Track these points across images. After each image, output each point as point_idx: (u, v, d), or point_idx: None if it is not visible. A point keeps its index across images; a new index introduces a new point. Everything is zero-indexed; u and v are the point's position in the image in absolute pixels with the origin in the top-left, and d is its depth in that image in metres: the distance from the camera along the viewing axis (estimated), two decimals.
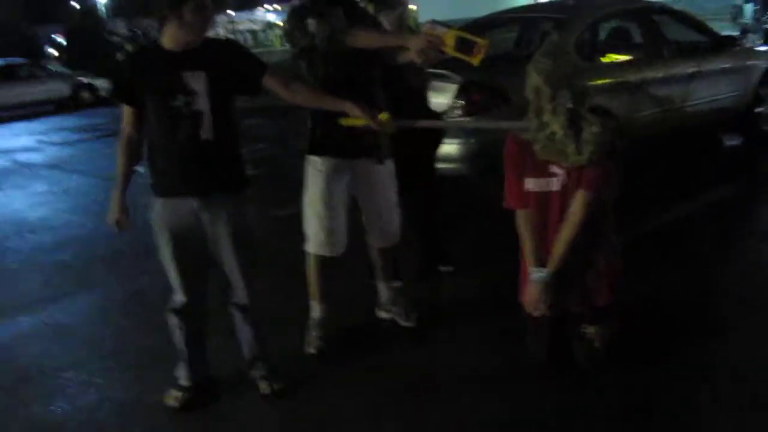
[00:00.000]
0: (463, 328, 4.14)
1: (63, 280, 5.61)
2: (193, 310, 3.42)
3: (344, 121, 3.40)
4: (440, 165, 5.01)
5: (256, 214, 3.60)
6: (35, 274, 5.85)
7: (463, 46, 3.33)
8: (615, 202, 3.43)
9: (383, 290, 4.25)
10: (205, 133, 3.11)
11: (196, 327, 3.48)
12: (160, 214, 3.26)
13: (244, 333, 3.54)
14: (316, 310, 4.00)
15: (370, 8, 4.15)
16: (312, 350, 3.92)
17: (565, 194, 3.34)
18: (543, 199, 3.40)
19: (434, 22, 3.42)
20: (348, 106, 3.34)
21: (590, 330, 3.47)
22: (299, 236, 3.95)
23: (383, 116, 3.37)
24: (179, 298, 3.39)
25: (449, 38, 3.34)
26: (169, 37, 3.10)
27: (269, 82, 3.24)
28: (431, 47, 3.33)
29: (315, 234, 3.84)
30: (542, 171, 3.37)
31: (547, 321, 3.48)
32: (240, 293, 3.43)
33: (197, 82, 3.08)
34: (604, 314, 3.45)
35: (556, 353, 3.55)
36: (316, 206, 3.78)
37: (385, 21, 4.07)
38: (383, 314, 4.26)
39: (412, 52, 3.39)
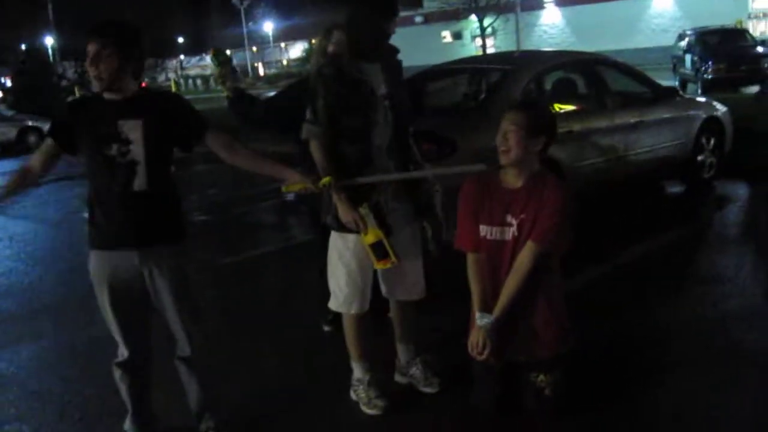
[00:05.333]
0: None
1: (6, 330, 5.49)
2: (137, 364, 3.37)
3: (285, 188, 3.41)
4: None
5: (203, 262, 3.58)
6: None
7: (379, 250, 3.51)
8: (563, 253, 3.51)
9: (403, 352, 4.06)
10: (139, 183, 3.09)
11: (141, 380, 3.43)
12: (97, 267, 3.22)
13: (191, 385, 3.49)
14: (359, 371, 3.86)
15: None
16: (377, 411, 3.75)
17: (518, 244, 3.41)
18: (496, 247, 3.47)
19: (369, 208, 3.51)
20: (287, 173, 3.34)
21: (540, 378, 3.52)
22: (244, 284, 3.94)
23: (325, 180, 3.37)
24: (122, 351, 3.35)
25: (372, 235, 3.49)
26: None
27: (210, 140, 3.24)
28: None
29: (343, 291, 3.74)
30: (497, 219, 3.44)
31: (496, 368, 3.52)
32: (184, 345, 3.39)
33: (133, 130, 3.07)
34: (553, 363, 3.51)
35: (506, 400, 3.58)
36: (345, 266, 3.70)
37: None
38: (401, 379, 4.07)
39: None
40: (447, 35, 47.70)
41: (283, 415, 3.82)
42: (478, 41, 39.08)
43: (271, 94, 5.09)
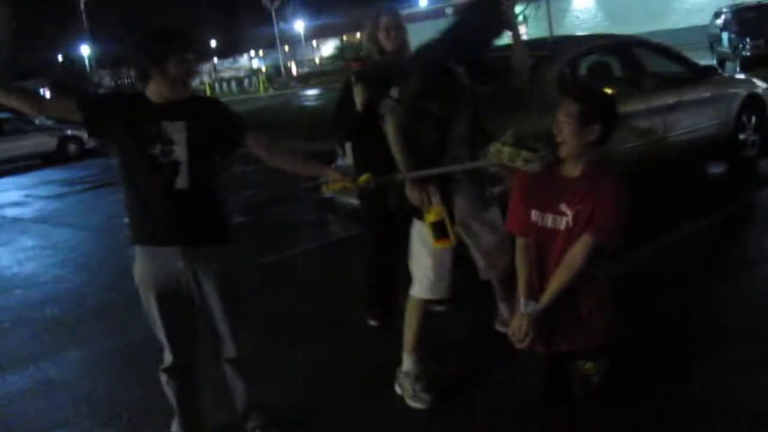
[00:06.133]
0: (464, 362, 4.13)
1: (53, 336, 5.55)
2: (183, 369, 3.39)
3: (326, 188, 3.41)
4: None
5: (243, 262, 3.58)
6: (24, 330, 5.79)
7: (439, 228, 3.52)
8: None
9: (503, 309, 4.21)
10: (181, 182, 3.12)
11: (188, 384, 3.44)
12: (143, 271, 3.24)
13: (237, 386, 3.50)
14: (408, 362, 3.82)
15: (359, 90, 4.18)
16: (422, 405, 3.70)
17: (571, 236, 3.34)
18: (546, 234, 3.41)
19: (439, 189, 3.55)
20: (327, 172, 3.37)
21: (588, 366, 3.46)
22: (285, 282, 3.94)
23: (363, 178, 3.37)
24: (168, 357, 3.36)
25: (434, 213, 3.51)
26: (153, 91, 3.15)
27: (251, 142, 3.28)
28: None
29: (428, 278, 3.74)
30: (550, 207, 3.39)
31: (544, 356, 3.47)
32: (229, 347, 3.40)
33: (176, 132, 3.11)
34: (600, 351, 3.44)
35: (554, 388, 3.53)
36: (431, 252, 3.70)
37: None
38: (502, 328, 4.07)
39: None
40: None
41: (328, 411, 3.80)
42: None
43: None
